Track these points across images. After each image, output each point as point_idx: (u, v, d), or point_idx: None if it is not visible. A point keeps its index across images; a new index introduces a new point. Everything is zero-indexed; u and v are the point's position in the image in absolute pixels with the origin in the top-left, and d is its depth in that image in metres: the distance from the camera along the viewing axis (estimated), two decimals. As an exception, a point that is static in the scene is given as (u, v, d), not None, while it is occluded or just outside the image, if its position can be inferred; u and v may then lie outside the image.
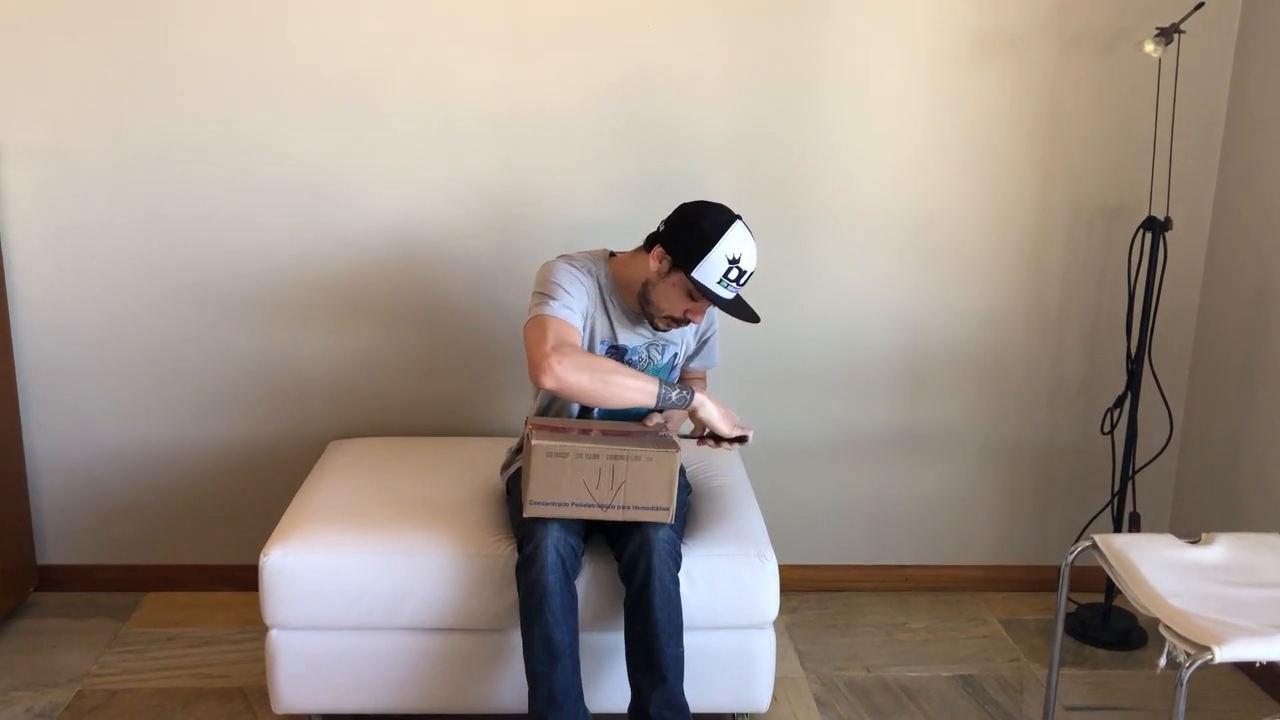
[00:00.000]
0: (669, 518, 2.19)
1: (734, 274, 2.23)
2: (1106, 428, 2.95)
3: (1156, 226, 2.79)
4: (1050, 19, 2.86)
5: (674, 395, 2.23)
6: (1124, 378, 2.92)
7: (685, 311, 2.31)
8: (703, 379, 2.68)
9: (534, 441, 2.15)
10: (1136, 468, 2.94)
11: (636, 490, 2.17)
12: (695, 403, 2.27)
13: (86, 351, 2.92)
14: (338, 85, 2.79)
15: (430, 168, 2.85)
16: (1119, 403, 2.91)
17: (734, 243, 2.23)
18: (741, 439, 2.34)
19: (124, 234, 2.85)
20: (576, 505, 2.17)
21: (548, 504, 2.18)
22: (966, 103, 2.90)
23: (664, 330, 2.38)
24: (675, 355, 2.48)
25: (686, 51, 2.82)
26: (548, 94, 2.82)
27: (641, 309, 2.36)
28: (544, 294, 2.27)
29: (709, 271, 2.23)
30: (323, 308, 2.93)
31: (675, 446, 2.19)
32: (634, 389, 2.20)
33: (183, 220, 2.85)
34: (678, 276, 2.26)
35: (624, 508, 2.18)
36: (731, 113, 2.86)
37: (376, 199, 2.86)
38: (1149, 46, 2.67)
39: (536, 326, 2.22)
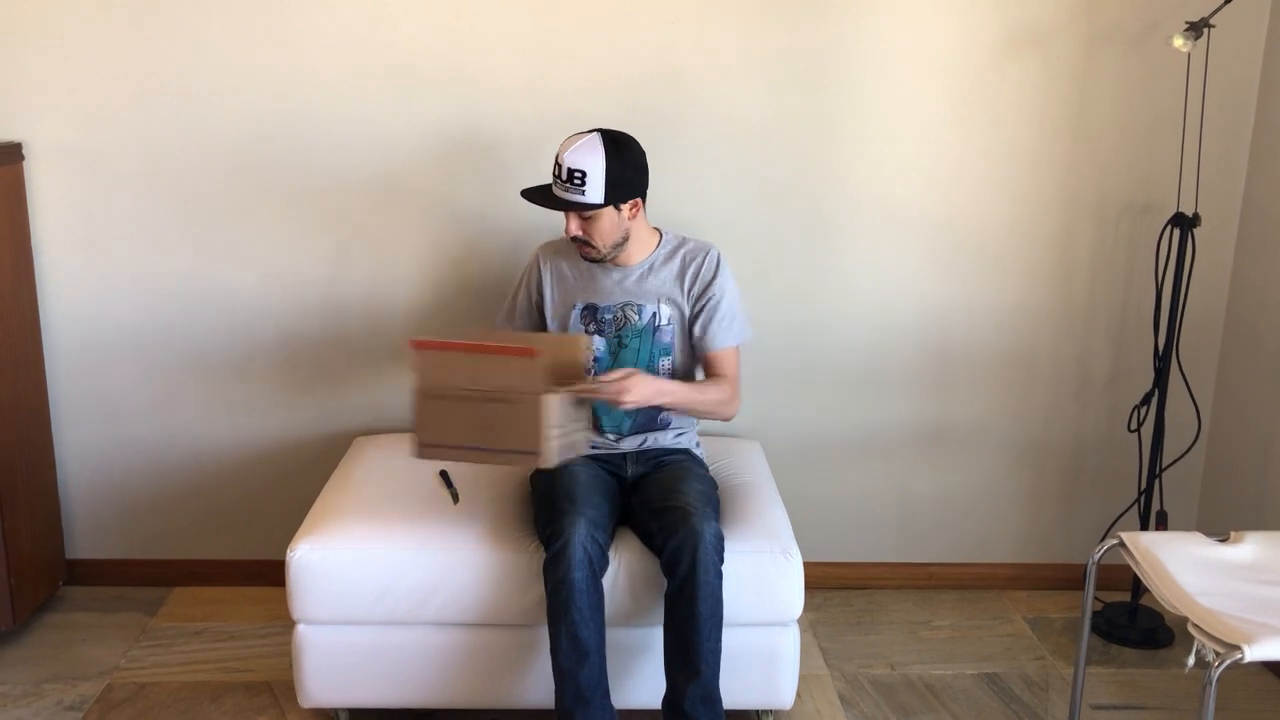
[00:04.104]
0: (542, 462, 2.15)
1: (555, 169, 2.39)
2: (1133, 425, 2.93)
3: (1185, 223, 2.77)
4: (1078, 14, 2.84)
5: None
6: (1151, 375, 2.90)
7: (567, 229, 2.43)
8: (730, 371, 2.49)
9: (416, 385, 2.10)
10: (1164, 465, 2.92)
11: (511, 432, 2.10)
12: None
13: (115, 348, 2.94)
14: (366, 83, 2.80)
15: (456, 167, 2.86)
16: (1146, 400, 2.89)
17: (558, 149, 2.40)
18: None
19: (152, 230, 2.87)
20: (464, 449, 2.13)
21: (436, 445, 2.14)
22: (994, 99, 2.89)
23: (595, 258, 2.46)
24: (655, 316, 2.48)
25: (711, 50, 2.81)
26: (575, 93, 2.82)
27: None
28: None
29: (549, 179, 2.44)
30: (351, 305, 2.94)
31: (553, 390, 2.10)
32: None
33: (211, 217, 2.87)
34: None
35: (501, 451, 2.13)
36: (756, 110, 2.85)
37: (403, 199, 2.87)
38: (1178, 41, 2.65)
39: None
